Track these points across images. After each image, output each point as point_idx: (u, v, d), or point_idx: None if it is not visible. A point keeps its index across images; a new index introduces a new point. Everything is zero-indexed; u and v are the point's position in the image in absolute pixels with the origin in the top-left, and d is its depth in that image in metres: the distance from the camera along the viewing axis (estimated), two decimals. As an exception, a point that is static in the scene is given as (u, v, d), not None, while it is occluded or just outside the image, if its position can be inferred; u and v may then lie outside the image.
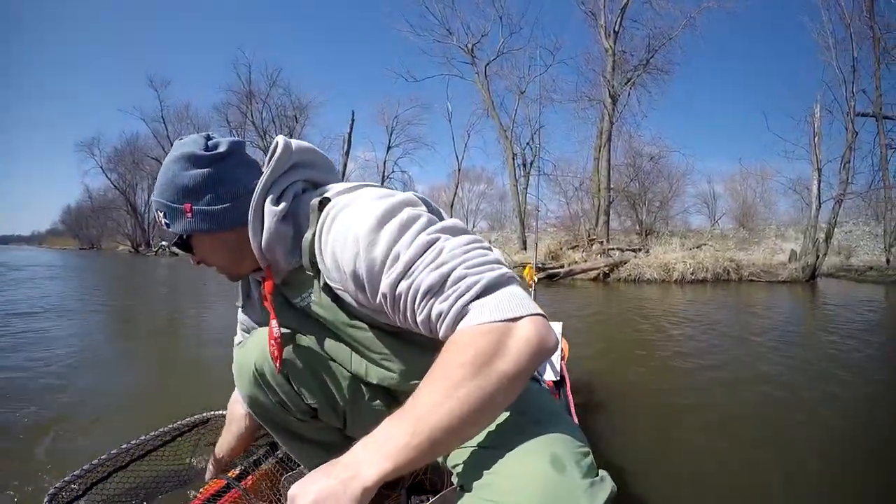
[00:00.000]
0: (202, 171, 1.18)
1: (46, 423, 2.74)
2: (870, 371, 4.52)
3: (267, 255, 1.20)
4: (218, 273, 1.33)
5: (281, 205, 1.16)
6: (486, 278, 0.90)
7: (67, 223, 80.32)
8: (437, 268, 0.92)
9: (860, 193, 19.82)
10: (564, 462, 0.93)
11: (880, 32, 17.64)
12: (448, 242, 0.96)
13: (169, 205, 1.20)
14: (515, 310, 0.87)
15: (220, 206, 1.19)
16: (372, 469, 0.81)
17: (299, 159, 1.23)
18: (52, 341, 5.02)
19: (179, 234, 1.23)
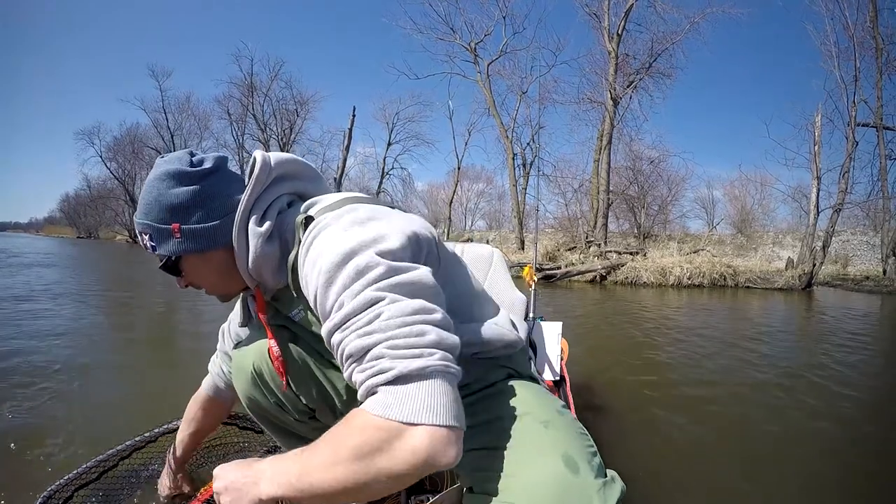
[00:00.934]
0: (189, 189, 1.13)
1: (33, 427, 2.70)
2: (864, 381, 4.53)
3: (254, 275, 1.18)
4: (207, 295, 1.29)
5: (265, 224, 1.13)
6: (400, 368, 0.82)
7: (65, 211, 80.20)
8: (364, 336, 0.87)
9: (859, 203, 19.96)
10: (577, 462, 0.94)
11: (883, 43, 17.67)
12: (390, 308, 0.87)
13: (155, 226, 1.14)
14: (417, 414, 0.79)
15: (210, 223, 1.15)
16: (266, 487, 0.89)
17: (282, 171, 1.19)
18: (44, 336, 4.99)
19: (168, 255, 1.17)
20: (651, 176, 26.69)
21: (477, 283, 1.30)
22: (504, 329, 1.22)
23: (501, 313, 1.28)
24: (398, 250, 0.96)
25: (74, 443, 2.44)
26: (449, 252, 1.20)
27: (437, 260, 1.10)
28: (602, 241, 20.42)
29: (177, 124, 47.34)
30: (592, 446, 1.03)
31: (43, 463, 2.22)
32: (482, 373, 1.21)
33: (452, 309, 1.00)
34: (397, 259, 0.94)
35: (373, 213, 1.05)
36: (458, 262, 1.26)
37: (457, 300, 1.13)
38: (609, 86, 21.82)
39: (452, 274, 1.18)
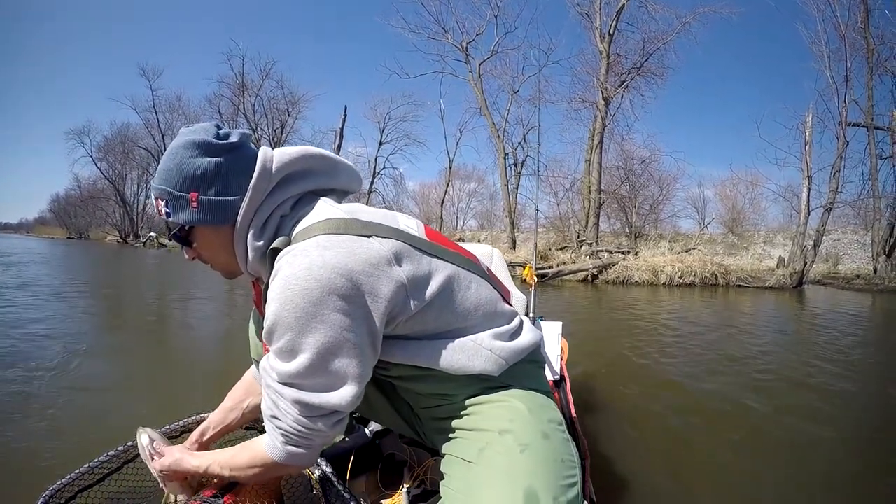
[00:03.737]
0: (213, 160, 1.12)
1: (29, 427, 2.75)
2: (855, 375, 4.54)
3: (252, 272, 1.21)
4: (213, 270, 1.29)
5: (260, 241, 1.14)
6: (285, 450, 1.10)
7: (56, 212, 79.94)
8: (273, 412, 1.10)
9: (849, 202, 19.98)
10: (540, 497, 0.97)
11: (874, 44, 17.73)
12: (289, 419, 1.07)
13: (173, 192, 1.13)
14: (288, 461, 1.12)
15: (228, 198, 1.13)
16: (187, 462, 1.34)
17: (289, 172, 1.18)
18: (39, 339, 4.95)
19: (181, 224, 1.16)
20: (642, 175, 26.80)
21: (483, 297, 1.25)
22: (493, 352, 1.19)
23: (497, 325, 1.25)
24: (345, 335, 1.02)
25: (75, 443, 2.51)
26: (441, 279, 1.16)
27: (409, 311, 1.10)
28: (594, 241, 20.42)
29: (167, 124, 47.04)
30: (572, 477, 1.05)
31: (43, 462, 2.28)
32: (478, 384, 1.21)
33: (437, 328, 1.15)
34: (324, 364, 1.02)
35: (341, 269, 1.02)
36: (451, 286, 1.18)
37: (443, 320, 1.16)
38: (600, 85, 21.79)
39: (437, 300, 1.14)
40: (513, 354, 1.21)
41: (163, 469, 1.38)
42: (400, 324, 1.10)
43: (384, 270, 1.05)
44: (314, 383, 1.03)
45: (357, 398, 1.06)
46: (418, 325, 1.13)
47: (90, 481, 1.49)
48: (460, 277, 1.20)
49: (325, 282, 0.99)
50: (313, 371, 1.02)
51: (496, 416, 1.16)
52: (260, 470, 1.17)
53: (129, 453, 1.59)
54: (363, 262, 1.03)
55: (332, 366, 1.02)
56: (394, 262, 1.07)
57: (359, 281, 1.02)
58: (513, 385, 1.23)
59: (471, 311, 1.20)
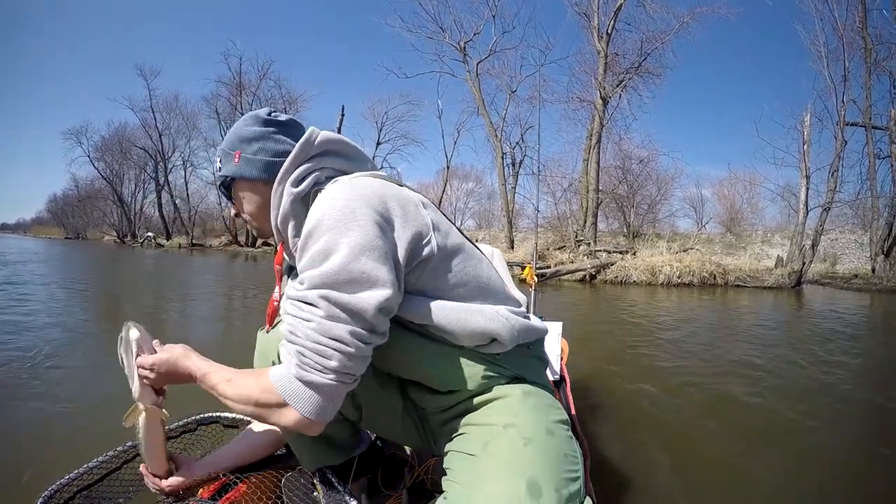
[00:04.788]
0: (258, 129, 1.32)
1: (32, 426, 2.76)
2: (855, 376, 4.55)
3: (281, 230, 1.29)
4: (251, 228, 1.42)
5: (300, 187, 1.23)
6: (298, 374, 1.06)
7: (53, 212, 79.88)
8: (291, 327, 1.09)
9: (847, 202, 20.01)
10: (542, 488, 0.99)
11: (872, 44, 17.76)
12: (319, 322, 1.04)
13: (225, 150, 1.34)
14: (295, 402, 1.06)
15: (263, 157, 1.30)
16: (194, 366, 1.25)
17: (328, 148, 1.29)
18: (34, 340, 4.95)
19: (225, 175, 1.34)
20: (640, 175, 26.82)
21: (494, 277, 1.33)
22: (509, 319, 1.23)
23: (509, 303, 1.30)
24: (375, 252, 1.06)
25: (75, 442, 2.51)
26: (457, 241, 1.25)
27: (434, 247, 1.17)
28: (591, 240, 20.43)
29: (165, 124, 47.05)
30: (574, 472, 1.07)
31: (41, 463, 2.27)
32: (485, 374, 1.23)
33: (458, 294, 1.20)
34: (358, 269, 1.04)
35: (384, 193, 1.16)
36: (467, 254, 1.27)
37: (461, 288, 1.22)
38: (598, 85, 21.81)
39: (454, 257, 1.22)
40: (525, 331, 1.26)
41: (154, 364, 1.29)
42: (420, 269, 1.16)
43: (413, 208, 1.18)
44: (344, 283, 1.04)
45: (382, 311, 1.07)
46: (439, 279, 1.19)
47: (89, 481, 1.48)
48: (474, 252, 1.30)
49: (364, 197, 1.10)
50: (345, 268, 1.04)
51: (501, 411, 1.19)
52: (255, 405, 1.11)
53: (127, 453, 1.58)
54: (396, 196, 1.17)
55: (364, 266, 1.04)
56: (421, 206, 1.20)
57: (392, 205, 1.14)
58: (522, 378, 1.27)
59: (484, 283, 1.26)
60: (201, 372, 1.23)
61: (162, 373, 1.29)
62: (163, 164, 47.93)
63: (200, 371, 1.23)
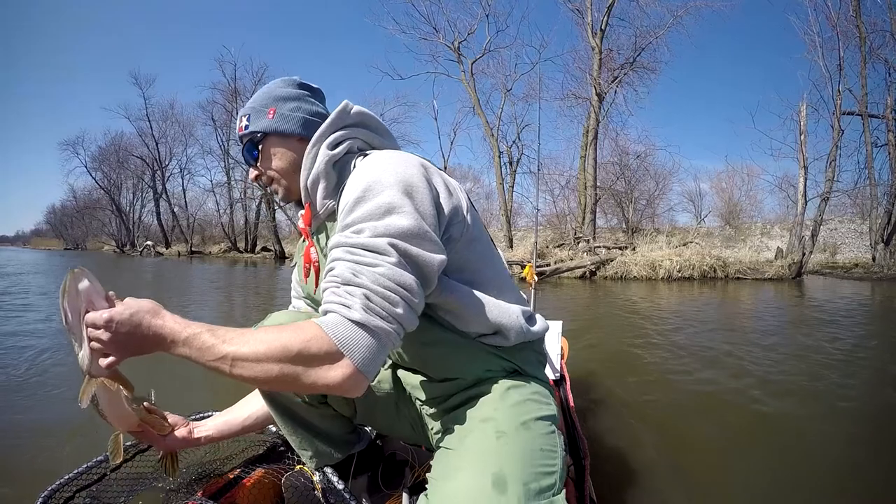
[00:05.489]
0: (295, 90, 1.39)
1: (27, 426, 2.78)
2: (859, 369, 4.52)
3: (310, 190, 1.30)
4: (273, 192, 1.42)
5: (335, 150, 1.28)
6: (363, 318, 0.97)
7: (52, 223, 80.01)
8: (354, 272, 1.00)
9: (846, 191, 20.04)
10: (508, 482, 0.97)
11: (866, 32, 17.79)
12: (388, 269, 1.00)
13: (256, 108, 1.36)
14: (353, 354, 0.96)
15: (299, 115, 1.35)
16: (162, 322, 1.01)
17: (361, 120, 1.35)
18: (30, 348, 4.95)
19: (256, 130, 1.34)
20: (638, 170, 26.86)
21: (507, 274, 1.38)
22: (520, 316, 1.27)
23: (520, 303, 1.32)
24: (430, 217, 1.08)
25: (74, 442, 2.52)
26: (480, 231, 1.28)
27: (464, 228, 1.20)
28: (591, 237, 20.42)
29: (161, 132, 47.12)
30: (550, 466, 1.06)
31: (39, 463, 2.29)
32: (484, 364, 1.27)
33: (476, 279, 1.23)
34: (426, 225, 1.06)
35: (429, 166, 1.20)
36: (487, 245, 1.32)
37: (481, 273, 1.26)
38: (594, 81, 21.82)
39: (476, 244, 1.25)
40: (530, 333, 1.29)
41: (111, 322, 1.01)
42: (447, 246, 1.14)
43: (453, 186, 1.22)
44: (412, 237, 1.04)
45: (438, 272, 1.09)
46: (461, 261, 1.19)
47: (88, 481, 1.48)
48: (492, 246, 1.35)
49: (416, 166, 1.14)
50: (414, 225, 1.04)
51: (484, 405, 1.20)
52: (294, 359, 0.96)
53: (127, 452, 1.56)
54: (438, 173, 1.21)
55: (426, 227, 1.06)
56: (458, 188, 1.23)
57: (438, 180, 1.18)
58: (520, 371, 1.30)
59: (500, 277, 1.30)
60: (182, 334, 1.00)
61: (121, 333, 1.01)
62: (160, 173, 48.02)
63: (179, 332, 1.01)
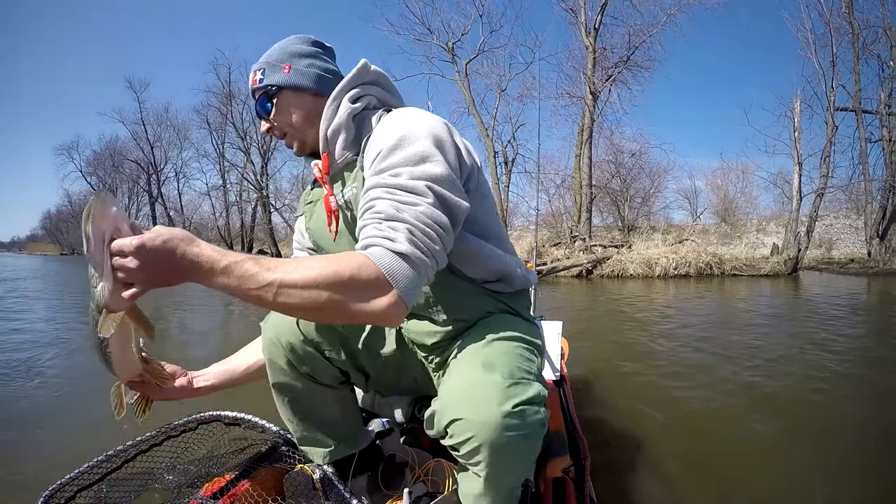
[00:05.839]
0: (310, 47, 1.44)
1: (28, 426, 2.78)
2: (859, 365, 4.53)
3: (330, 140, 1.38)
4: (285, 145, 1.47)
5: (356, 104, 1.37)
6: (408, 251, 1.02)
7: (48, 228, 79.82)
8: (396, 209, 1.06)
9: (841, 187, 20.10)
10: (496, 367, 1.11)
11: (859, 28, 17.86)
12: (427, 208, 1.08)
13: (271, 63, 1.40)
14: (399, 284, 1.01)
15: (314, 70, 1.41)
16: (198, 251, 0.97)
17: (377, 79, 1.45)
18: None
19: (271, 84, 1.38)
20: (633, 169, 26.88)
21: (504, 230, 1.49)
22: (517, 267, 1.45)
23: (515, 255, 1.49)
24: (455, 169, 1.19)
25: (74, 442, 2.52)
26: (487, 188, 1.40)
27: (478, 184, 1.32)
28: (587, 236, 20.46)
29: (156, 135, 47.00)
30: (529, 369, 1.16)
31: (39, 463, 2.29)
32: (485, 305, 1.41)
33: (484, 233, 1.36)
34: (454, 175, 1.17)
35: (451, 126, 1.28)
36: (492, 202, 1.44)
37: (488, 227, 1.38)
38: (588, 80, 21.86)
39: (485, 201, 1.37)
40: (527, 282, 1.49)
41: (142, 247, 0.95)
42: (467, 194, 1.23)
43: (468, 145, 1.33)
44: (446, 183, 1.13)
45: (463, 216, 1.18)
46: (474, 211, 1.27)
47: (89, 480, 1.47)
48: (494, 204, 1.45)
49: (442, 123, 1.25)
50: (447, 173, 1.14)
51: (480, 326, 1.33)
52: (345, 284, 0.99)
53: (127, 453, 1.56)
54: (457, 132, 1.29)
55: (456, 177, 1.17)
56: (472, 149, 1.34)
57: (458, 138, 1.28)
58: (516, 312, 1.45)
59: (500, 232, 1.44)
60: (221, 262, 0.98)
61: (152, 260, 0.96)
62: (156, 177, 47.88)
63: (218, 260, 0.98)
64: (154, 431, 1.63)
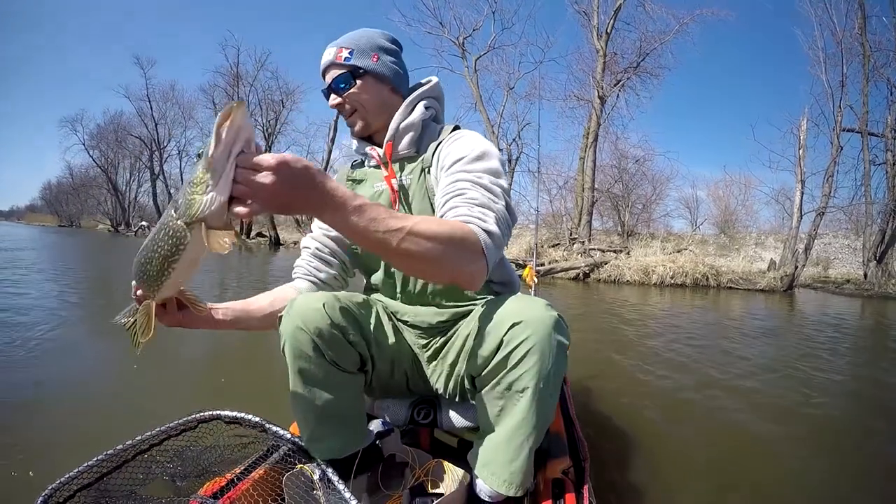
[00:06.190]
0: (393, 46, 1.66)
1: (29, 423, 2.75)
2: (844, 379, 4.55)
3: (399, 132, 1.62)
4: (348, 122, 1.68)
5: (428, 111, 1.68)
6: (496, 231, 1.30)
7: (47, 199, 79.54)
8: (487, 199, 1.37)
9: (842, 207, 20.07)
10: (530, 299, 1.38)
11: (871, 50, 17.77)
12: (500, 208, 1.37)
13: (361, 48, 1.58)
14: (489, 254, 1.28)
15: (396, 68, 1.65)
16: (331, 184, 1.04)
17: (439, 95, 1.75)
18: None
19: (358, 66, 1.57)
20: (636, 175, 26.85)
21: None
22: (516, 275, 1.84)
23: None
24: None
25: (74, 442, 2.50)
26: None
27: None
28: (586, 239, 20.43)
29: (161, 113, 46.92)
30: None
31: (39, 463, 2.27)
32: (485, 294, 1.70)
33: None
34: (509, 192, 1.47)
35: None
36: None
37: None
38: (596, 84, 21.82)
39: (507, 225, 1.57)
40: (521, 288, 1.82)
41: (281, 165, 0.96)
42: None
43: None
44: (508, 196, 1.44)
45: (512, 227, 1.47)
46: None
47: (89, 480, 1.46)
48: None
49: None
50: (508, 190, 1.45)
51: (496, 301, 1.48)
52: (459, 242, 1.21)
53: (127, 452, 1.56)
54: None
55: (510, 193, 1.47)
56: None
57: None
58: None
59: None
60: (355, 201, 1.06)
61: (287, 182, 0.96)
62: (158, 154, 47.90)
63: (352, 198, 1.06)
64: (154, 431, 1.63)
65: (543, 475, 1.62)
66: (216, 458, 1.74)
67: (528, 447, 1.35)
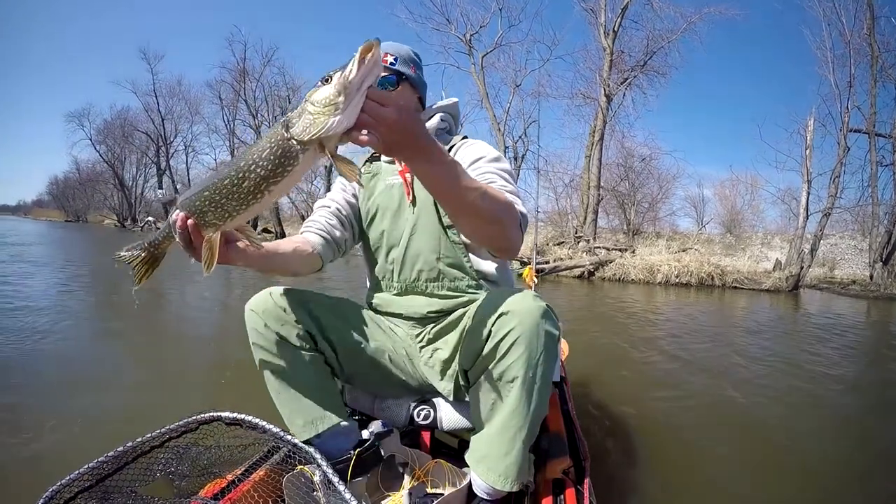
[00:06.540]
0: (420, 62, 1.88)
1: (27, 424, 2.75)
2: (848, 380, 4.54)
3: None
4: None
5: (443, 122, 1.92)
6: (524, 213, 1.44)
7: (54, 195, 79.65)
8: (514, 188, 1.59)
9: (848, 208, 19.94)
10: (519, 291, 1.45)
11: (879, 51, 17.65)
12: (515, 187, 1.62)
13: (403, 57, 1.77)
14: (524, 225, 1.43)
15: (424, 81, 1.90)
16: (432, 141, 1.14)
17: (455, 112, 1.99)
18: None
19: (402, 72, 1.77)
20: (642, 173, 26.72)
21: None
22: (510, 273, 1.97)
23: None
24: None
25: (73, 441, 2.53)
26: None
27: None
28: (591, 237, 20.39)
29: (167, 108, 46.91)
30: None
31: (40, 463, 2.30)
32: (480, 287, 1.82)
33: None
34: None
35: None
36: None
37: None
38: (603, 82, 21.75)
39: None
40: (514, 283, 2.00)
41: (404, 107, 1.06)
42: None
43: None
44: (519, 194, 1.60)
45: None
46: None
47: (90, 482, 1.47)
48: None
49: None
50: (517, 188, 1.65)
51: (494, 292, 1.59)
52: (508, 212, 1.35)
53: (128, 454, 1.56)
54: None
55: None
56: None
57: None
58: None
59: None
60: (449, 157, 1.21)
61: (406, 122, 1.06)
62: (164, 149, 47.86)
63: (447, 155, 1.21)
64: (155, 433, 1.64)
65: (544, 475, 1.63)
66: (217, 460, 1.74)
67: (521, 439, 1.38)
